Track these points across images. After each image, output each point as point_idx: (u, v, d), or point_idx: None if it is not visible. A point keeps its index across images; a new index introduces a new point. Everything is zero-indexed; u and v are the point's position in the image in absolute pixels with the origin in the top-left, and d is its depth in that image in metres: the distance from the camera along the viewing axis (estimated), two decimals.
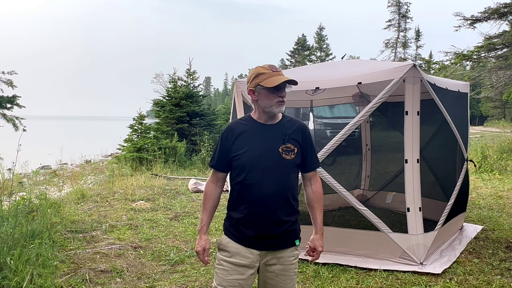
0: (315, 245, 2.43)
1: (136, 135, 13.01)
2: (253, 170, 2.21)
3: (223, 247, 2.31)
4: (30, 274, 3.69)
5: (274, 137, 2.27)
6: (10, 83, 7.21)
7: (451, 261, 4.36)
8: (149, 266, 4.43)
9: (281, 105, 2.24)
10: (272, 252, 2.27)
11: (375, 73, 4.50)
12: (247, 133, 2.28)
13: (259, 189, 2.21)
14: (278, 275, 2.28)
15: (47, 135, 34.17)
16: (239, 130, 2.30)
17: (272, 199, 2.22)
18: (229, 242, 2.28)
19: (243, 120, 2.37)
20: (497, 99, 35.10)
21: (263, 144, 2.25)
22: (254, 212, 2.23)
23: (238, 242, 2.26)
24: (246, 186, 2.23)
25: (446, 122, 4.79)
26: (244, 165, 2.23)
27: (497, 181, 9.28)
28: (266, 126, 2.29)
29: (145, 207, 7.05)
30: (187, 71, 16.28)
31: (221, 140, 2.33)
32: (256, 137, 2.27)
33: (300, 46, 47.44)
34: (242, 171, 2.24)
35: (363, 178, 7.00)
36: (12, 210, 4.89)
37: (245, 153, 2.24)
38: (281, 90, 2.23)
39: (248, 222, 2.24)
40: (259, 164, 2.22)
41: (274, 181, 2.22)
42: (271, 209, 2.23)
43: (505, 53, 13.30)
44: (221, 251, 2.31)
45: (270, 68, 2.25)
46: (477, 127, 36.46)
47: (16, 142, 4.69)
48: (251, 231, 2.24)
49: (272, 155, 2.23)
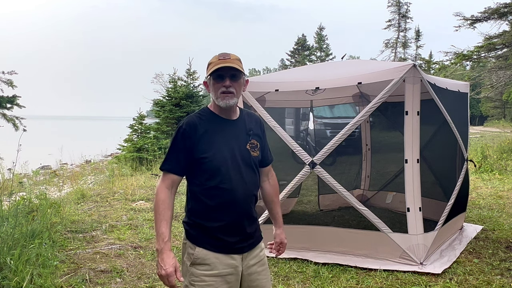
0: (281, 238, 2.39)
1: (136, 135, 13.03)
2: (228, 173, 2.03)
3: (200, 261, 2.03)
4: (30, 274, 3.69)
5: (239, 133, 2.12)
6: (10, 83, 7.20)
7: (451, 261, 4.36)
8: (149, 266, 4.43)
9: (226, 97, 2.02)
10: (250, 252, 2.16)
11: (375, 73, 4.50)
12: (212, 130, 2.06)
13: (237, 192, 2.05)
14: (259, 273, 2.19)
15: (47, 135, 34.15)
16: (202, 126, 2.05)
17: (248, 200, 2.13)
18: (207, 254, 2.04)
19: (203, 115, 2.10)
20: (497, 99, 35.11)
21: (232, 142, 2.08)
22: (235, 217, 2.07)
23: (217, 251, 2.05)
24: (222, 190, 2.03)
25: (446, 122, 4.79)
26: (217, 167, 2.02)
27: (497, 181, 9.28)
28: (229, 121, 2.11)
29: (145, 207, 7.06)
30: (187, 71, 16.30)
31: (179, 138, 2.04)
32: (222, 134, 2.07)
33: (300, 46, 47.49)
34: (215, 174, 2.02)
35: (363, 178, 7.00)
36: (12, 210, 4.90)
37: (216, 154, 2.02)
38: (224, 78, 2.01)
39: (230, 229, 2.07)
40: (233, 165, 2.05)
41: (248, 181, 2.10)
42: (249, 210, 2.14)
43: (505, 53, 13.30)
44: (198, 266, 2.04)
45: (218, 57, 2.05)
46: (477, 127, 36.44)
47: (16, 142, 4.69)
48: (233, 237, 2.08)
49: (242, 153, 2.10)
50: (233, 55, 2.07)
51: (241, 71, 2.06)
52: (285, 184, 4.64)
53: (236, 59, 2.07)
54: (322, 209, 6.50)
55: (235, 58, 2.06)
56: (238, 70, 2.04)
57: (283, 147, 4.78)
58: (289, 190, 4.62)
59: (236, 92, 2.06)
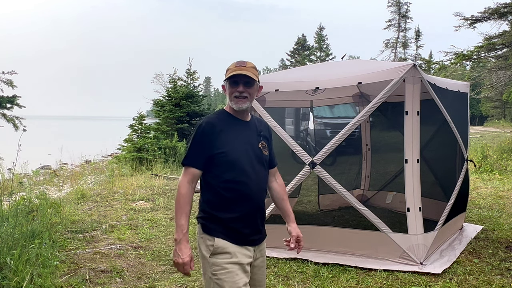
0: (298, 232, 2.43)
1: (136, 135, 13.00)
2: (243, 167, 2.19)
3: (221, 250, 2.17)
4: (30, 274, 3.69)
5: (252, 133, 2.31)
6: (10, 83, 7.19)
7: (451, 261, 4.36)
8: (149, 266, 4.43)
9: (239, 101, 2.22)
10: (259, 246, 2.32)
11: (375, 73, 4.50)
12: (228, 129, 2.23)
13: (251, 185, 2.22)
14: (260, 268, 2.34)
15: (47, 135, 34.15)
16: (219, 125, 2.22)
17: (260, 194, 2.29)
18: (225, 243, 2.17)
19: (220, 115, 2.30)
20: (497, 99, 35.11)
21: (246, 140, 2.26)
22: (249, 209, 2.23)
23: (233, 242, 2.18)
24: (237, 183, 2.19)
25: (446, 122, 4.79)
26: (233, 162, 2.18)
27: (497, 181, 9.28)
28: (243, 122, 2.30)
29: (145, 207, 7.06)
30: (187, 71, 16.28)
31: (200, 135, 2.22)
32: (238, 133, 2.25)
33: (300, 46, 47.51)
34: (230, 168, 2.18)
35: (363, 178, 7.00)
36: (12, 210, 4.90)
37: (232, 150, 2.19)
38: (238, 84, 2.21)
39: (244, 220, 2.22)
40: (247, 160, 2.22)
41: (260, 176, 2.28)
42: (260, 203, 2.30)
43: (505, 53, 13.29)
44: (219, 255, 2.17)
45: (236, 64, 2.25)
46: (477, 127, 36.47)
47: (16, 142, 4.69)
48: (247, 229, 2.23)
49: (255, 151, 2.28)
50: (249, 63, 2.25)
51: (254, 78, 2.23)
52: (285, 184, 4.63)
53: (252, 67, 2.25)
54: (322, 209, 6.51)
55: (250, 66, 2.24)
56: (252, 78, 2.21)
57: (283, 147, 4.78)
58: (289, 190, 4.61)
59: (250, 97, 2.25)
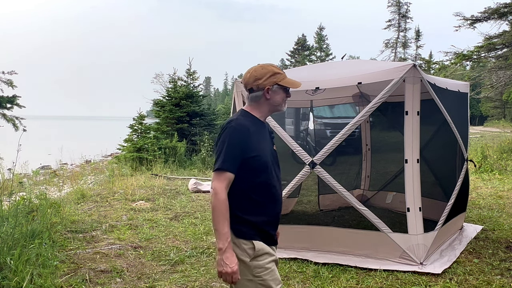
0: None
1: (136, 135, 13.00)
2: (271, 170, 2.24)
3: (261, 252, 2.18)
4: (30, 274, 3.69)
5: (268, 135, 2.35)
6: (10, 83, 7.20)
7: (451, 261, 4.36)
8: (149, 266, 4.43)
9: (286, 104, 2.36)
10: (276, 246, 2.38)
11: (375, 73, 4.50)
12: (257, 131, 2.23)
13: (278, 188, 2.28)
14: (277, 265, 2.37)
15: (47, 135, 34.15)
16: (251, 128, 2.19)
17: (280, 196, 2.33)
18: (263, 245, 2.19)
19: (246, 117, 2.26)
20: (497, 99, 35.08)
21: (268, 142, 2.31)
22: (278, 212, 2.29)
23: (266, 243, 2.23)
24: (269, 186, 2.21)
25: (446, 122, 4.79)
26: (266, 165, 2.20)
27: (497, 181, 9.28)
28: (263, 124, 2.32)
29: (145, 207, 7.06)
30: (187, 71, 16.28)
31: (235, 139, 2.13)
32: (262, 135, 2.27)
33: (300, 46, 47.45)
34: (263, 171, 2.18)
35: (363, 178, 7.00)
36: (12, 210, 4.90)
37: (263, 152, 2.21)
38: (288, 91, 2.33)
39: (273, 222, 2.27)
40: (272, 163, 2.26)
41: (280, 178, 2.35)
42: (281, 205, 2.35)
43: (505, 53, 13.29)
44: (260, 257, 2.17)
45: (280, 69, 2.31)
46: (477, 127, 36.47)
47: (16, 142, 4.69)
48: (273, 231, 2.29)
49: (273, 153, 2.33)
50: None
51: None
52: (285, 184, 4.63)
53: None
54: (322, 209, 6.51)
55: None
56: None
57: (283, 147, 4.78)
58: (289, 190, 4.62)
59: None
